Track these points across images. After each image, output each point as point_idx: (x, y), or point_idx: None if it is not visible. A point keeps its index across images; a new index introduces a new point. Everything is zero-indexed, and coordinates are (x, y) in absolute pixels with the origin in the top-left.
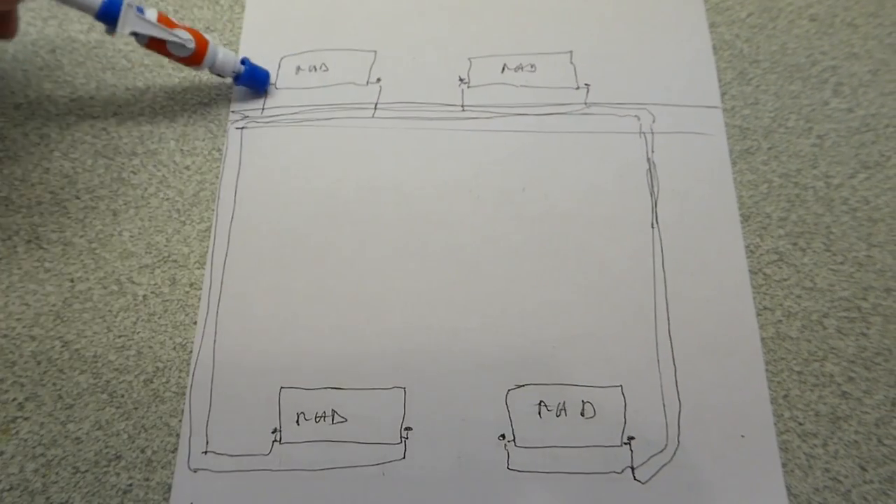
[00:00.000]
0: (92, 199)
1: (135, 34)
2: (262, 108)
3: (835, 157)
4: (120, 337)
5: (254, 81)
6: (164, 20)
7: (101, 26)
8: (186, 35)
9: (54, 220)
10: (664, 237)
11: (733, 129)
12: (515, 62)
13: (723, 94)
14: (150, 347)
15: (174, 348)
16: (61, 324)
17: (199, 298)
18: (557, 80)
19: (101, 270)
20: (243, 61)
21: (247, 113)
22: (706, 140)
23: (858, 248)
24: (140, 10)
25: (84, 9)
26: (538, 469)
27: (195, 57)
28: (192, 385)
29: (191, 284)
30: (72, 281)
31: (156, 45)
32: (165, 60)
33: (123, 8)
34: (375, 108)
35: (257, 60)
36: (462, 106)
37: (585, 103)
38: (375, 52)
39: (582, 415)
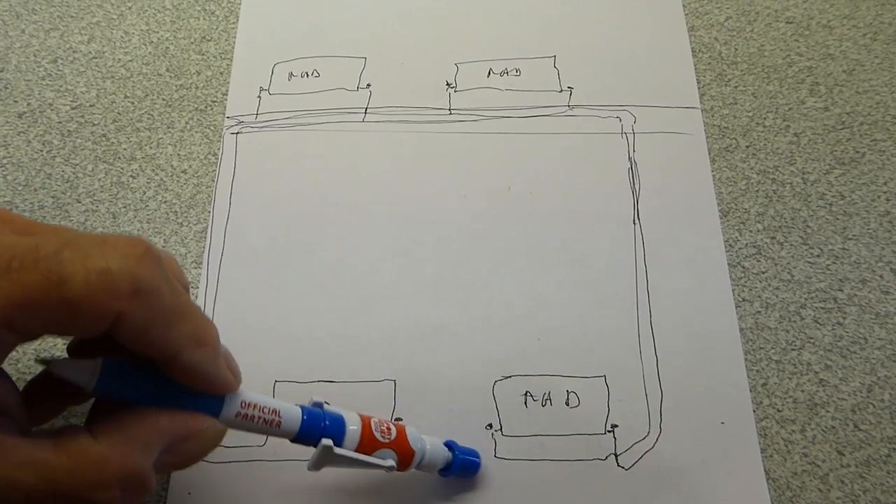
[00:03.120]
0: (92, 203)
1: None
2: (256, 114)
3: (811, 154)
4: None
5: (464, 470)
6: (367, 439)
7: (100, 37)
8: (389, 458)
9: (56, 223)
10: (645, 233)
11: (712, 128)
12: (501, 67)
13: (702, 95)
14: None
15: None
16: None
17: (196, 297)
18: (541, 84)
19: None
20: (448, 444)
21: (241, 119)
22: (686, 139)
23: (834, 242)
24: (338, 438)
25: (282, 435)
26: (525, 457)
27: (399, 467)
28: None
29: (188, 283)
30: None
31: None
32: (164, 68)
33: (319, 448)
34: (365, 113)
35: (251, 67)
36: (449, 109)
37: (569, 105)
38: (365, 58)
39: (567, 404)
